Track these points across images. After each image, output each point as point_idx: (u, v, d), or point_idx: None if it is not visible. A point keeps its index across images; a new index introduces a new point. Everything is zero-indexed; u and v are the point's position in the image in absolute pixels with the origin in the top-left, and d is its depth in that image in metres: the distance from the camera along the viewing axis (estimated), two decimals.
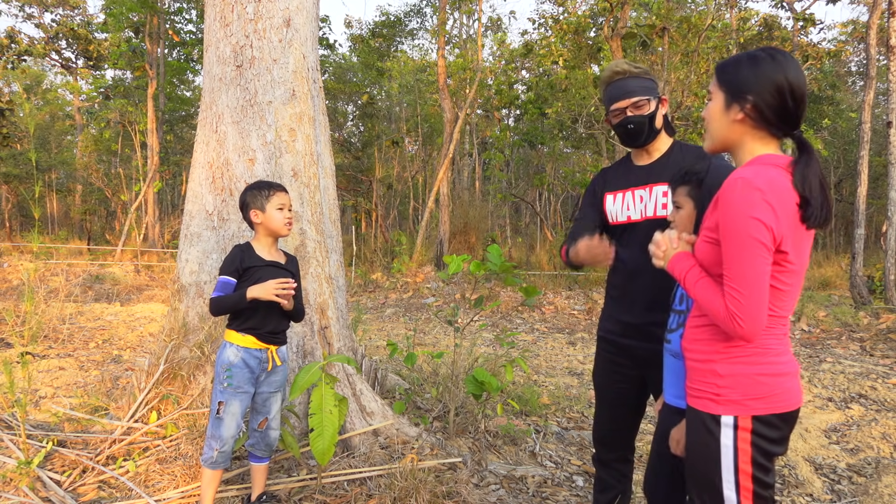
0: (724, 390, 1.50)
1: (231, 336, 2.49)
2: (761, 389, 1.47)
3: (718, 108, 1.57)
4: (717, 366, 1.51)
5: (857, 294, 9.84)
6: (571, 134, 18.90)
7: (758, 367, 1.48)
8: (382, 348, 6.54)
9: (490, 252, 3.51)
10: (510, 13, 40.12)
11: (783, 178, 1.43)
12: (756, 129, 1.52)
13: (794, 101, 1.48)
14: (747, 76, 1.51)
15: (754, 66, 1.51)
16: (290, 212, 2.55)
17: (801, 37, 18.73)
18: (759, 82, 1.49)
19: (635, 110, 2.16)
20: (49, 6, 26.03)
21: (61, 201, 27.79)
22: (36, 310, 6.59)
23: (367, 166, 21.44)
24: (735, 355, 1.50)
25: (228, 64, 3.47)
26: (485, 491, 2.97)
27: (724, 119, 1.56)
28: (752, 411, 1.47)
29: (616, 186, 2.27)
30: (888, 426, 4.16)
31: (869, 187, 16.78)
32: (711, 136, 1.60)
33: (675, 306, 1.85)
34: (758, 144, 1.53)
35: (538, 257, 17.12)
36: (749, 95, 1.50)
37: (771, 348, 1.49)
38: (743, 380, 1.48)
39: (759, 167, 1.45)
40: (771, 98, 1.48)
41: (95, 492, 2.75)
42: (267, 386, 2.57)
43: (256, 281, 2.45)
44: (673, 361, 1.83)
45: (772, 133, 1.52)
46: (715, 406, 1.50)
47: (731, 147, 1.58)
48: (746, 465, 1.47)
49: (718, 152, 1.64)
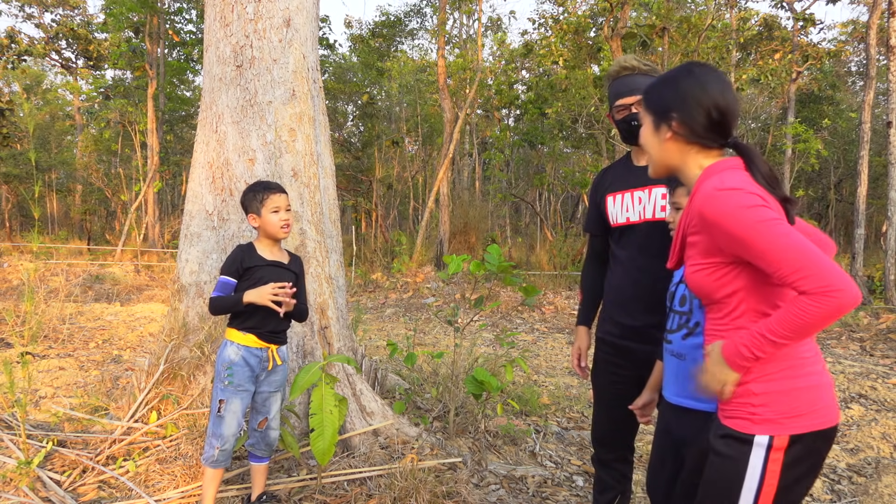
0: (760, 409, 1.39)
1: (232, 334, 2.49)
2: (800, 406, 1.38)
3: (649, 132, 1.57)
4: (752, 385, 1.41)
5: None
6: (571, 134, 18.91)
7: (794, 382, 1.39)
8: (382, 348, 6.54)
9: (489, 252, 3.51)
10: (510, 13, 40.10)
11: (742, 176, 1.40)
12: (689, 144, 1.51)
13: (718, 112, 1.47)
14: (666, 95, 1.52)
15: (673, 84, 1.51)
16: (288, 212, 2.52)
17: (801, 37, 18.74)
18: (679, 98, 1.49)
19: (638, 107, 2.15)
20: (49, 6, 26.02)
21: (61, 201, 27.79)
22: (36, 310, 6.59)
23: (367, 166, 21.43)
24: (769, 372, 1.40)
25: (228, 64, 3.47)
26: (485, 491, 2.98)
27: (655, 141, 1.56)
28: (790, 430, 1.37)
29: (616, 188, 2.27)
30: (888, 426, 4.16)
31: (869, 187, 16.78)
32: (652, 161, 1.60)
33: (676, 307, 1.85)
34: (700, 157, 1.51)
35: (538, 257, 17.12)
36: (673, 113, 1.49)
37: (805, 359, 1.40)
38: (779, 397, 1.38)
39: (722, 173, 1.42)
40: (695, 112, 1.47)
41: (95, 492, 2.75)
42: (267, 385, 2.57)
43: (258, 280, 2.45)
44: (674, 361, 1.83)
45: (706, 146, 1.50)
46: (750, 426, 1.40)
47: (675, 168, 1.56)
48: (771, 489, 1.37)
49: (662, 177, 1.62)
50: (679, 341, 1.80)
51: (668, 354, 1.86)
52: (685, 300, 1.82)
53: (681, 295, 1.84)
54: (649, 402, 2.06)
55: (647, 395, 2.07)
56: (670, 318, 1.87)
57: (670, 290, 1.90)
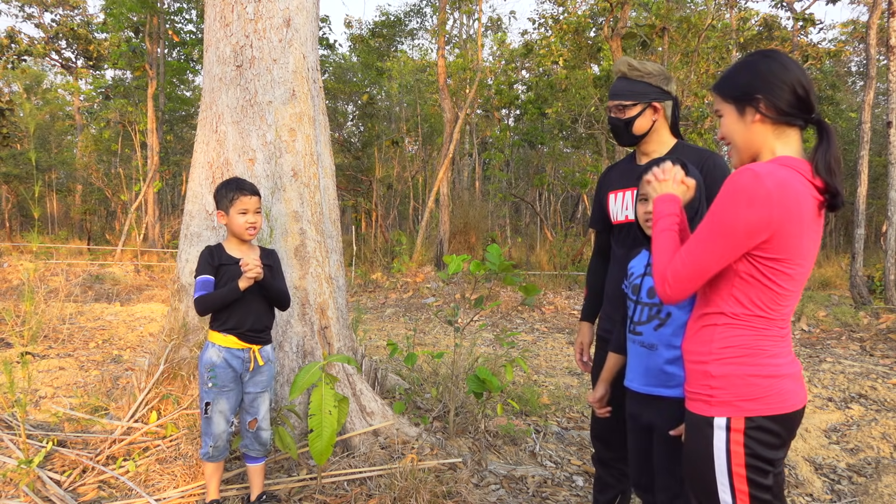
0: (717, 391, 1.49)
1: (213, 336, 2.51)
2: (754, 390, 1.46)
3: (733, 119, 1.57)
4: (710, 367, 1.51)
5: (857, 294, 9.84)
6: (571, 134, 18.91)
7: (750, 368, 1.47)
8: (382, 348, 6.54)
9: (489, 251, 3.51)
10: (510, 13, 40.13)
11: (795, 180, 1.42)
12: (776, 125, 1.52)
13: (802, 88, 1.49)
14: (749, 79, 1.53)
15: (751, 69, 1.53)
16: (257, 215, 2.51)
17: (800, 37, 18.74)
18: (761, 80, 1.51)
19: (617, 112, 2.22)
20: (49, 6, 26.02)
21: (61, 201, 27.79)
22: (36, 310, 6.59)
23: (367, 166, 21.42)
24: (727, 356, 1.49)
25: (228, 64, 3.47)
26: (485, 491, 2.98)
27: (741, 127, 1.56)
28: (745, 412, 1.46)
29: (618, 185, 2.30)
30: (888, 426, 4.16)
31: (869, 187, 16.76)
32: (737, 149, 1.59)
33: (644, 299, 1.88)
34: (779, 144, 1.53)
35: (538, 257, 17.13)
36: (758, 95, 1.51)
37: (764, 349, 1.48)
38: (735, 380, 1.48)
39: (774, 165, 1.45)
40: (781, 92, 1.49)
41: (95, 492, 2.75)
42: (253, 386, 2.57)
43: (229, 279, 2.46)
44: (644, 352, 1.86)
45: (792, 124, 1.52)
46: (708, 408, 1.50)
47: (756, 153, 1.56)
48: (740, 468, 1.46)
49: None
50: (651, 332, 1.84)
51: (636, 346, 1.89)
52: (654, 292, 1.84)
53: (648, 287, 1.87)
54: (604, 395, 2.13)
55: (603, 388, 2.13)
56: (636, 309, 1.90)
57: (633, 282, 1.93)
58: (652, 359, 1.82)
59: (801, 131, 1.55)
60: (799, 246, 1.44)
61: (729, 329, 1.50)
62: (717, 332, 1.51)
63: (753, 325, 1.48)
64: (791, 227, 1.41)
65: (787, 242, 1.42)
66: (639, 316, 1.88)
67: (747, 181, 1.40)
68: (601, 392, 2.13)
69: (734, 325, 1.50)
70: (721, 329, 1.51)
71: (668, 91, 2.19)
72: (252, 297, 2.49)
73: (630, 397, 1.94)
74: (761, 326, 1.48)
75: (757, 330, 1.48)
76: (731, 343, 1.49)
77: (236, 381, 2.52)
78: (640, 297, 1.89)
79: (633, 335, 1.90)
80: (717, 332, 1.51)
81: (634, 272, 1.95)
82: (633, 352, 1.91)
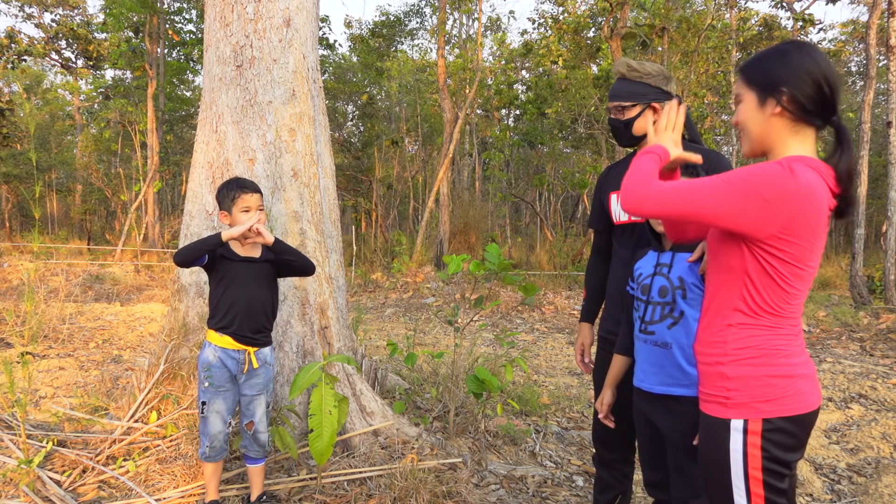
0: (733, 393, 1.46)
1: (210, 336, 2.52)
2: (771, 391, 1.43)
3: (752, 107, 1.50)
4: (726, 368, 1.48)
5: (857, 294, 9.84)
6: (571, 134, 18.92)
7: (767, 369, 1.44)
8: (382, 348, 6.54)
9: (489, 251, 3.51)
10: (510, 13, 40.08)
11: (818, 183, 1.39)
12: (795, 122, 1.46)
13: (829, 86, 1.44)
14: (778, 69, 1.46)
15: (784, 58, 1.46)
16: (259, 212, 2.50)
17: (800, 37, 18.73)
18: (792, 73, 1.44)
19: (617, 113, 2.23)
20: (49, 6, 26.00)
21: (61, 201, 27.78)
22: (36, 310, 6.58)
23: (367, 166, 21.42)
24: (743, 357, 1.46)
25: (228, 64, 3.47)
26: (485, 491, 2.98)
27: (759, 117, 1.49)
28: (762, 414, 1.43)
29: (619, 185, 2.29)
30: (888, 426, 4.16)
31: (869, 187, 16.78)
32: (749, 138, 1.52)
33: (655, 298, 1.86)
34: (794, 142, 1.47)
35: (538, 257, 17.12)
36: (783, 87, 1.44)
37: (780, 349, 1.45)
38: (752, 382, 1.44)
39: (804, 165, 1.40)
40: (807, 88, 1.43)
41: (95, 492, 2.75)
42: (249, 388, 2.57)
43: (232, 278, 2.47)
44: (657, 351, 1.84)
45: (811, 124, 1.46)
46: (724, 410, 1.47)
47: (770, 147, 1.51)
48: (756, 472, 1.43)
49: (758, 156, 1.56)
50: (664, 330, 1.82)
51: (648, 345, 1.87)
52: (666, 291, 1.84)
53: (660, 286, 1.86)
54: (612, 401, 2.11)
55: (610, 392, 2.12)
56: (647, 309, 1.88)
57: (642, 283, 1.92)
58: (668, 357, 1.80)
59: (817, 133, 1.49)
60: (813, 247, 1.42)
61: (743, 329, 1.47)
62: (731, 333, 1.48)
63: (767, 325, 1.45)
64: (810, 229, 1.39)
65: (804, 243, 1.39)
66: (650, 315, 1.86)
67: (778, 169, 1.36)
68: (609, 398, 2.10)
69: (748, 325, 1.47)
70: (735, 329, 1.48)
71: (667, 91, 2.18)
72: (250, 298, 2.50)
73: (641, 398, 1.92)
74: (774, 325, 1.45)
75: (771, 329, 1.45)
76: (746, 344, 1.46)
77: (232, 381, 2.53)
78: (650, 297, 1.87)
79: (644, 335, 1.88)
80: (731, 333, 1.48)
81: (643, 272, 1.94)
82: (644, 352, 1.89)
